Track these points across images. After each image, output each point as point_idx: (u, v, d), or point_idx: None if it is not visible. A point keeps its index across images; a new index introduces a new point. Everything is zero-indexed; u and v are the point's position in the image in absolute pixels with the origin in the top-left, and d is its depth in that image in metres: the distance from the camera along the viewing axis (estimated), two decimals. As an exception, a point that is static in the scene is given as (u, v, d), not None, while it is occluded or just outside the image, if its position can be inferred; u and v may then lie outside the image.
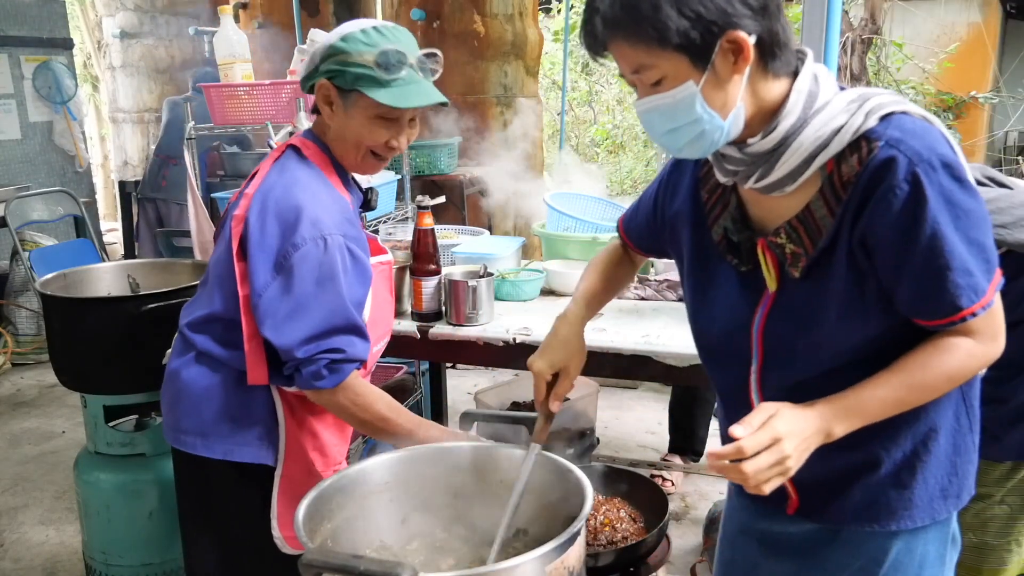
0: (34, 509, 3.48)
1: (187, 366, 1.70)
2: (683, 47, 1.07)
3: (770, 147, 1.15)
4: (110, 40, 8.01)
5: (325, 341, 1.55)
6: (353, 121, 1.62)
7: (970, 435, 1.28)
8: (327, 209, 1.58)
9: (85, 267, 2.75)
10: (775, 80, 1.14)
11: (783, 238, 1.19)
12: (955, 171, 1.09)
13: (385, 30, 1.60)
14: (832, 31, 2.35)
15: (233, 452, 1.67)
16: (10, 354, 5.32)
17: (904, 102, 1.14)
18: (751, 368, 1.27)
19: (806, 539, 1.33)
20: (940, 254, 1.08)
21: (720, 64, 1.09)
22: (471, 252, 2.82)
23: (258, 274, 1.55)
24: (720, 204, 1.29)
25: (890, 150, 1.08)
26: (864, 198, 1.11)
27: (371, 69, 1.56)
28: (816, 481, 1.26)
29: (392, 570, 1.02)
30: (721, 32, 1.06)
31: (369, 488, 1.40)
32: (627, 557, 1.78)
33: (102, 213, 8.46)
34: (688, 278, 1.37)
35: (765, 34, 1.09)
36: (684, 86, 1.10)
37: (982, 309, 1.11)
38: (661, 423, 3.79)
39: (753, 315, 1.25)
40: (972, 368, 1.17)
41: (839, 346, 1.18)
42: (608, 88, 9.92)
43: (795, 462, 1.10)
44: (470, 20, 5.47)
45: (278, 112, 3.09)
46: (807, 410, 1.13)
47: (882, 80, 7.40)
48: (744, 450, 1.06)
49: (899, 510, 1.25)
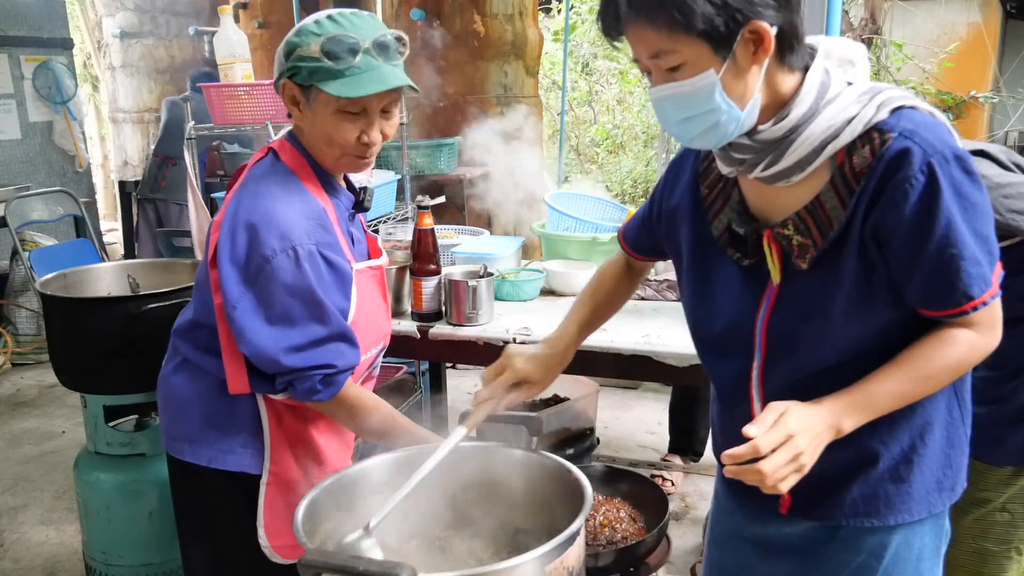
0: (34, 509, 3.48)
1: (174, 372, 1.70)
2: (706, 33, 1.08)
3: (780, 135, 1.15)
4: (110, 40, 8.01)
5: (313, 353, 1.51)
6: (318, 118, 1.53)
7: (962, 427, 1.30)
8: (296, 218, 1.51)
9: (85, 267, 2.75)
10: (790, 73, 1.15)
11: (790, 229, 1.19)
12: (965, 164, 1.11)
13: (340, 17, 1.50)
14: (832, 31, 2.36)
15: (218, 459, 1.64)
16: (10, 354, 5.32)
17: (912, 97, 1.16)
18: (754, 363, 1.27)
19: (804, 538, 1.33)
20: (953, 244, 1.10)
21: (741, 54, 1.10)
22: (471, 252, 2.82)
23: (229, 286, 1.50)
24: (721, 199, 1.29)
25: (905, 141, 1.10)
26: (878, 189, 1.11)
27: (320, 60, 1.46)
28: (811, 478, 1.25)
29: (392, 570, 1.02)
30: (745, 21, 1.07)
31: (369, 488, 1.40)
32: (627, 557, 1.78)
33: (102, 213, 8.46)
34: (687, 274, 1.36)
35: (786, 26, 1.10)
36: (705, 74, 1.10)
37: (991, 298, 1.14)
38: (661, 423, 3.79)
39: (757, 309, 1.24)
40: (973, 359, 1.18)
41: (843, 339, 1.18)
42: (608, 88, 9.91)
43: (809, 458, 1.11)
44: (470, 20, 5.47)
45: (278, 112, 3.09)
46: (816, 407, 1.14)
47: (882, 80, 7.40)
48: (759, 448, 1.07)
49: (898, 504, 1.26)
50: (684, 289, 1.38)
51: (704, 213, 1.32)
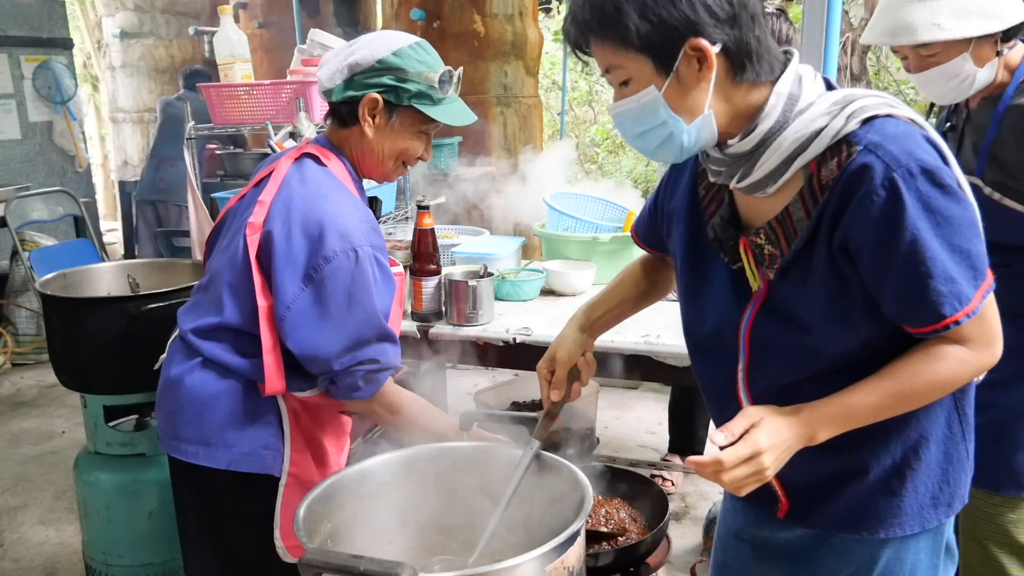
0: (34, 509, 3.48)
1: (190, 372, 1.65)
2: (646, 49, 1.09)
3: (748, 148, 1.15)
4: (110, 40, 8.02)
5: (360, 352, 1.57)
6: (396, 135, 1.64)
7: (963, 443, 1.26)
8: (355, 220, 1.57)
9: (85, 267, 2.75)
10: (752, 87, 1.14)
11: (762, 238, 1.19)
12: (936, 176, 1.07)
13: (425, 46, 1.65)
14: (832, 31, 2.36)
15: (238, 462, 1.63)
16: (10, 354, 5.32)
17: (891, 104, 1.13)
18: (738, 367, 1.26)
19: (797, 545, 1.32)
20: (921, 261, 1.07)
21: (684, 70, 1.10)
22: (471, 252, 2.82)
23: (285, 287, 1.54)
24: (715, 202, 1.29)
25: (867, 155, 1.08)
26: (841, 203, 1.10)
27: (431, 87, 1.60)
28: (805, 485, 1.26)
29: (392, 570, 1.02)
30: (683, 39, 1.07)
31: (369, 488, 1.40)
32: (627, 557, 1.78)
33: (102, 213, 8.46)
34: (681, 274, 1.37)
35: (733, 44, 1.09)
36: (647, 90, 1.12)
37: (966, 317, 1.09)
38: (661, 423, 3.79)
39: (742, 313, 1.24)
40: (964, 375, 1.16)
41: (826, 350, 1.17)
42: (608, 88, 9.90)
43: (772, 471, 1.11)
44: (470, 20, 5.47)
45: (278, 112, 3.09)
46: (790, 417, 1.13)
47: (882, 80, 7.40)
48: (723, 463, 1.08)
49: (888, 518, 1.24)
50: (679, 289, 1.39)
51: (700, 215, 1.32)
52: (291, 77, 3.15)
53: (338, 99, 1.62)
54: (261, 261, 1.57)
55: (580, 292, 2.69)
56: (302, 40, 4.58)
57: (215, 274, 1.65)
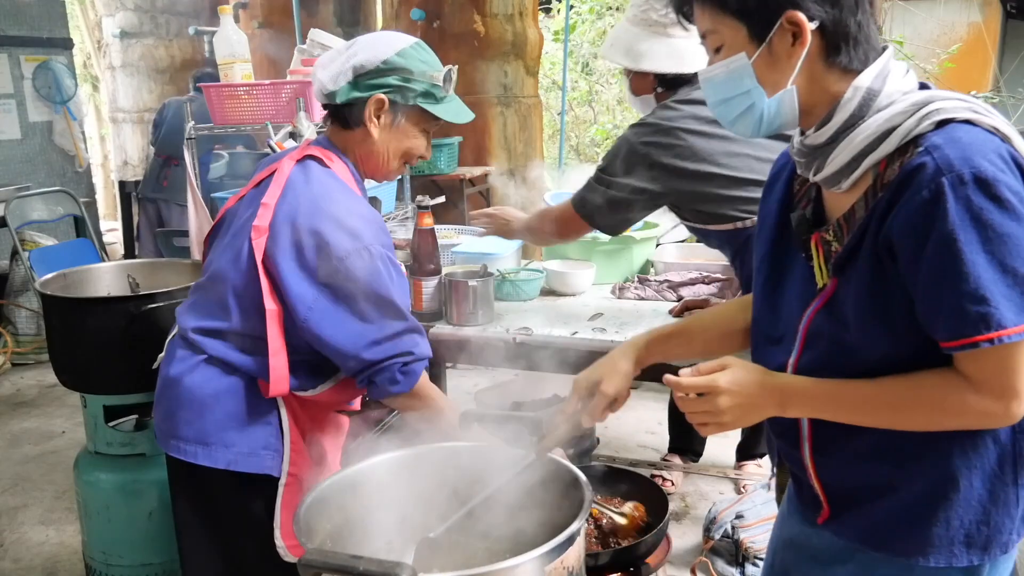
0: (34, 509, 3.48)
1: (190, 372, 1.64)
2: (743, 15, 1.10)
3: (823, 141, 1.14)
4: (110, 40, 8.02)
5: (392, 344, 1.58)
6: (401, 134, 1.67)
7: (1014, 488, 1.15)
8: (363, 221, 1.58)
9: (85, 267, 2.75)
10: (844, 74, 1.12)
11: (831, 235, 1.17)
12: (992, 188, 1.00)
13: (424, 46, 1.68)
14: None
15: (238, 462, 1.63)
16: (10, 354, 5.31)
17: (975, 110, 1.07)
18: (789, 359, 1.23)
19: (828, 555, 1.29)
20: (951, 271, 1.01)
21: (777, 42, 1.10)
22: (471, 252, 2.82)
23: (302, 289, 1.54)
24: (806, 197, 1.27)
25: (924, 156, 1.03)
26: (891, 201, 1.07)
27: (435, 86, 1.64)
28: (846, 491, 1.22)
29: (392, 570, 1.02)
30: (781, 9, 1.08)
31: (369, 488, 1.40)
32: (627, 557, 1.78)
33: (102, 213, 8.45)
34: (761, 268, 1.32)
35: (830, 23, 1.09)
36: (738, 56, 1.13)
37: (988, 343, 1.00)
38: (661, 423, 3.79)
39: (807, 307, 1.21)
40: (967, 419, 1.09)
41: (867, 352, 1.13)
42: (608, 88, 9.91)
43: (731, 418, 1.14)
44: (470, 20, 5.47)
45: (278, 112, 3.09)
46: (763, 376, 1.16)
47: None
48: (679, 385, 1.15)
49: (911, 544, 1.17)
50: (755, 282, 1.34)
51: (791, 209, 1.29)
52: (291, 77, 3.15)
53: (342, 101, 1.63)
54: (268, 265, 1.57)
55: (580, 292, 2.69)
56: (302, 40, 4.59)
57: (216, 275, 1.65)
